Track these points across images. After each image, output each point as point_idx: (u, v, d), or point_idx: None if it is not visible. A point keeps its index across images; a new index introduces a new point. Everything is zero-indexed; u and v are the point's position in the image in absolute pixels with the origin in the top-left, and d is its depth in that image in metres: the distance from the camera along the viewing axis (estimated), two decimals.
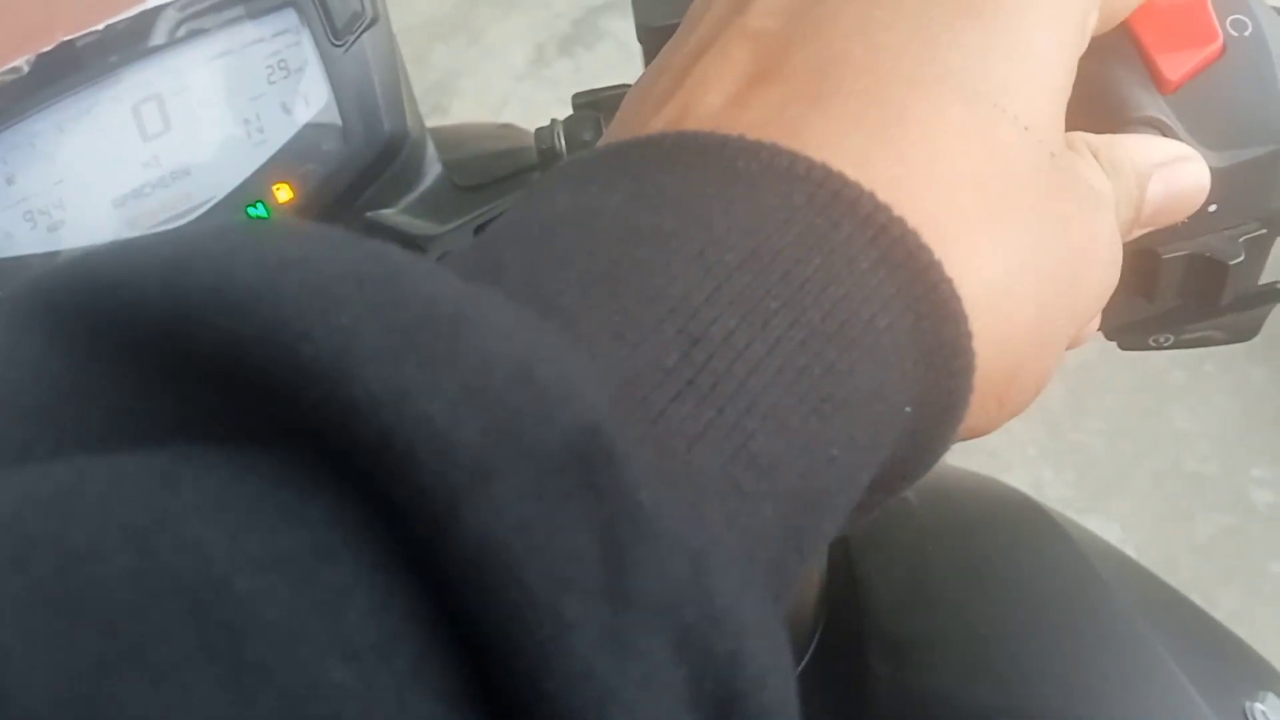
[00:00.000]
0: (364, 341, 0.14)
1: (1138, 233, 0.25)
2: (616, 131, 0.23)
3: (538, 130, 0.37)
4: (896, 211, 0.18)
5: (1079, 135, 0.24)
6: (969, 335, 0.19)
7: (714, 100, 0.21)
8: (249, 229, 0.15)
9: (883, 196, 0.18)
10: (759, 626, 0.15)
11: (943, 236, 0.19)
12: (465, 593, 0.13)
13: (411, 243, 0.42)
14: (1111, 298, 0.23)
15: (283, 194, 0.40)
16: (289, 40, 0.39)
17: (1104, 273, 0.22)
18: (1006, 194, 0.20)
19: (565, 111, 0.39)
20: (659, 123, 0.21)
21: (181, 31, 0.38)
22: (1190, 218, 0.26)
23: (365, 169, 0.41)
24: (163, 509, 0.13)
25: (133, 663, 0.12)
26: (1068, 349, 0.23)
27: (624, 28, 1.80)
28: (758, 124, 0.20)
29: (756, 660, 0.15)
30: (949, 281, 0.19)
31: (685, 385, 0.16)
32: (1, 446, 0.14)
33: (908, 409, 0.19)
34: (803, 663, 0.39)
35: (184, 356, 0.14)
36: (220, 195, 0.39)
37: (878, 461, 0.19)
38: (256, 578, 0.12)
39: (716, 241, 0.17)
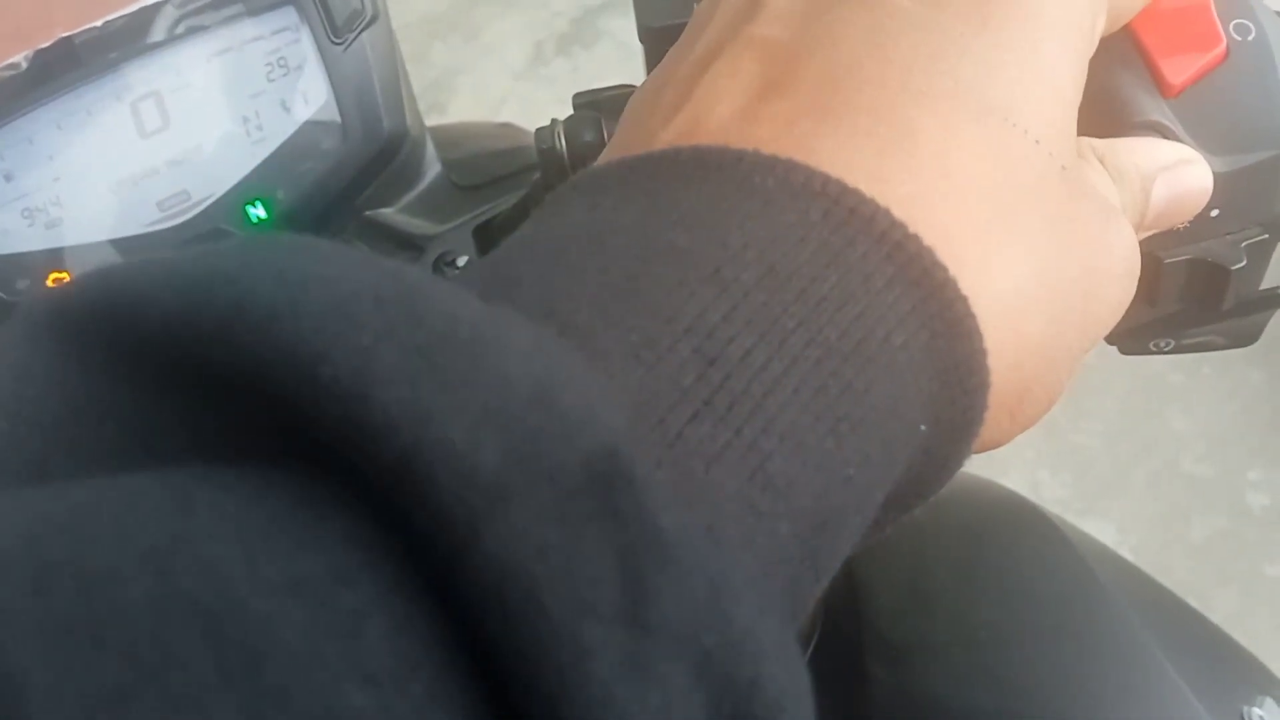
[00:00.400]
0: (383, 362, 0.14)
1: (1141, 236, 0.25)
2: (624, 142, 0.22)
3: (538, 130, 0.37)
4: (911, 228, 0.18)
5: (1084, 141, 0.23)
6: (984, 352, 0.19)
7: (724, 112, 0.20)
8: (268, 246, 0.15)
9: (897, 213, 0.18)
10: (777, 650, 0.15)
11: (956, 253, 0.19)
12: (484, 617, 0.13)
13: (410, 242, 0.42)
14: None
15: (281, 192, 0.40)
16: (288, 38, 0.39)
17: (1119, 286, 0.22)
18: (1019, 209, 0.20)
19: (564, 110, 0.39)
20: (669, 135, 0.21)
21: (181, 28, 0.38)
22: (1192, 222, 0.26)
23: (364, 167, 0.41)
24: (180, 531, 0.13)
25: (152, 688, 0.12)
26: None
27: (622, 27, 1.80)
28: (769, 138, 0.19)
29: (775, 684, 0.15)
30: (964, 299, 0.18)
31: (702, 405, 0.16)
32: (19, 462, 0.14)
33: (923, 427, 0.19)
34: None
35: (202, 374, 0.14)
36: (219, 193, 0.39)
37: (892, 479, 0.18)
38: (274, 601, 0.12)
39: (732, 259, 0.17)
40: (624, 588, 0.14)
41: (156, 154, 0.39)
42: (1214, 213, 0.27)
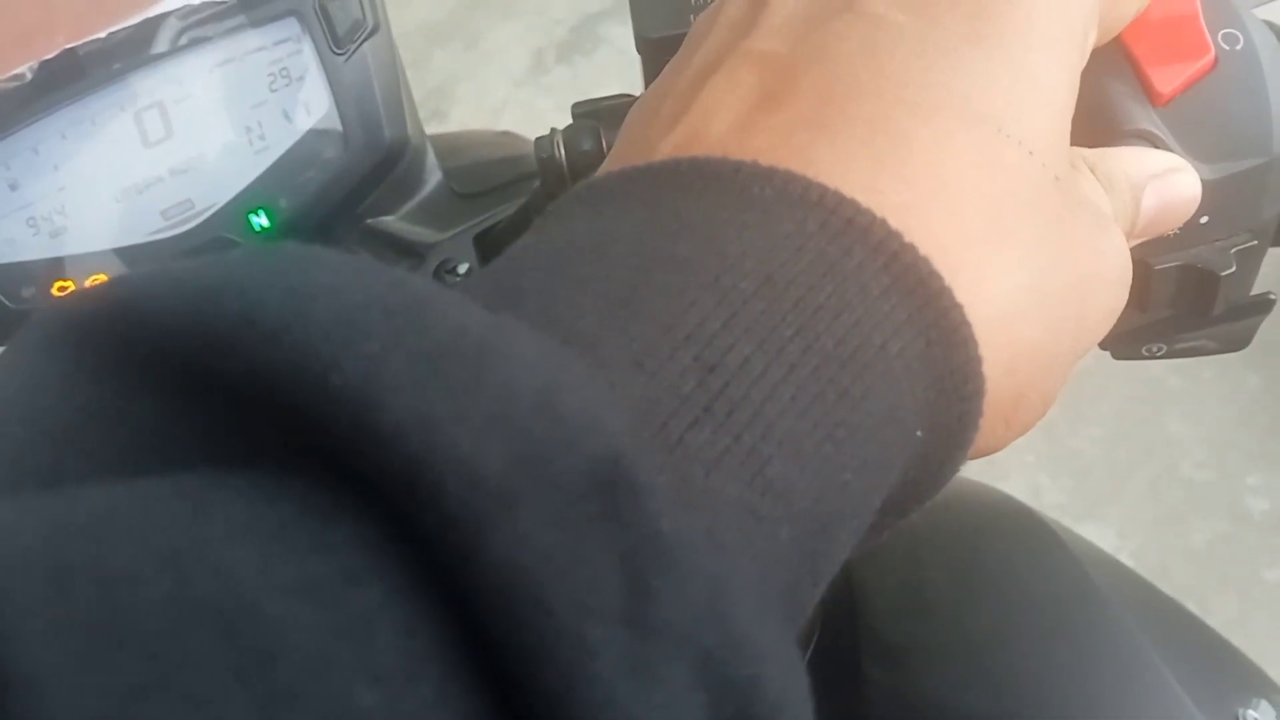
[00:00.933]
0: (391, 370, 0.14)
1: (1132, 244, 0.26)
2: (624, 153, 0.23)
3: (537, 139, 0.38)
4: (907, 238, 0.19)
5: (1075, 150, 0.24)
6: (979, 359, 0.19)
7: (722, 124, 0.21)
8: (276, 256, 0.16)
9: (893, 223, 0.19)
10: (776, 651, 0.15)
11: (951, 262, 0.19)
12: (490, 618, 0.13)
13: (411, 250, 0.42)
14: None
15: (284, 201, 0.40)
16: (290, 48, 0.39)
17: (1112, 293, 0.23)
18: (1013, 218, 0.20)
19: (564, 118, 0.39)
20: (668, 146, 0.21)
21: (184, 39, 0.38)
22: (1182, 229, 0.27)
23: (366, 176, 0.41)
24: (195, 535, 0.13)
25: (168, 688, 0.12)
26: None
27: (622, 34, 1.80)
28: (767, 149, 0.20)
29: (775, 685, 0.15)
30: (959, 307, 0.19)
31: (702, 412, 0.16)
32: (35, 468, 0.15)
33: (919, 433, 0.19)
34: None
35: (213, 382, 0.15)
36: (222, 202, 0.40)
37: (889, 484, 0.19)
38: (286, 603, 0.13)
39: (731, 268, 0.18)
40: (626, 590, 0.14)
41: (160, 163, 0.39)
42: (1203, 220, 0.27)
